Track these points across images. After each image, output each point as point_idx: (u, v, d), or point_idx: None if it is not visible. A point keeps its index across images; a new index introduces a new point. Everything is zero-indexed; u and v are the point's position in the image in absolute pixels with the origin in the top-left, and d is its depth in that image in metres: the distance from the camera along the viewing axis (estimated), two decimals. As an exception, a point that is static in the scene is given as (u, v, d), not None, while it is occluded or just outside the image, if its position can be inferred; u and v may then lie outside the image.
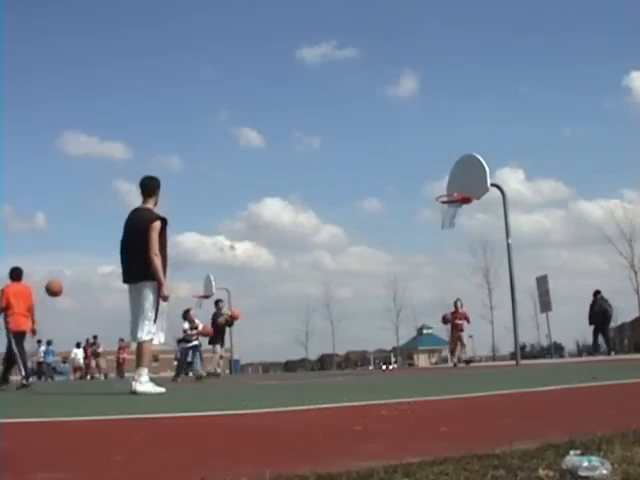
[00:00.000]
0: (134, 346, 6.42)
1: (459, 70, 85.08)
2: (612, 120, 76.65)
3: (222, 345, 16.13)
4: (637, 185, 74.46)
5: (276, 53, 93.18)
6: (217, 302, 16.46)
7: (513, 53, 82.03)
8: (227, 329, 16.89)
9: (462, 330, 17.22)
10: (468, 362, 17.55)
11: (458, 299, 17.56)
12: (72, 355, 27.97)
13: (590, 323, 16.83)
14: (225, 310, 16.39)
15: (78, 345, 27.58)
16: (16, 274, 10.81)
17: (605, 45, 79.59)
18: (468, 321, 17.44)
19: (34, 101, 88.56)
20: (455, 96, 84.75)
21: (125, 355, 27.84)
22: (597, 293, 17.11)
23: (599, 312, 16.68)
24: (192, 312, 15.11)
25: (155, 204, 6.55)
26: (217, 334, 15.49)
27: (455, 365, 16.89)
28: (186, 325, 14.65)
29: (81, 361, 27.24)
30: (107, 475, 1.68)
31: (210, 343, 15.55)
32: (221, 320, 15.65)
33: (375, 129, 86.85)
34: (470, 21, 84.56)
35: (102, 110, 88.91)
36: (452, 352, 18.47)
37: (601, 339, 17.28)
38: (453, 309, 17.41)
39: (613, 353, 17.63)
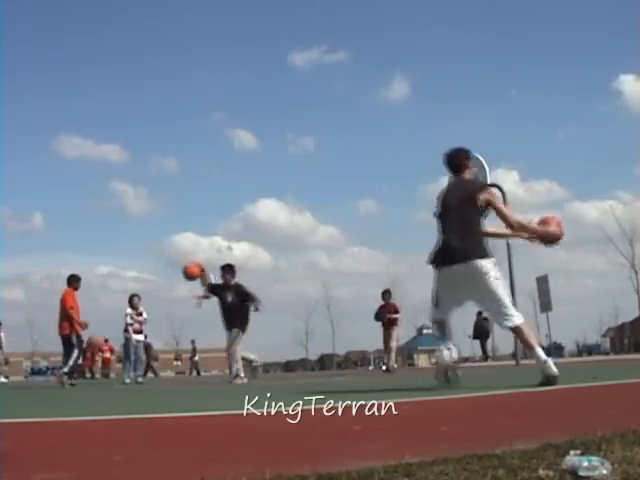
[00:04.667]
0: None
1: (450, 73, 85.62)
2: (603, 123, 77.45)
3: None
4: (631, 186, 74.60)
5: (268, 57, 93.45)
6: (385, 293, 15.13)
7: (504, 56, 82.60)
8: None
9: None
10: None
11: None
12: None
13: (474, 337, 21.45)
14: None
15: None
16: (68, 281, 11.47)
17: (595, 49, 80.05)
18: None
19: (31, 103, 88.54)
20: (447, 99, 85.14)
21: (109, 355, 27.78)
22: (479, 314, 20.14)
23: (479, 328, 20.96)
24: (136, 299, 14.05)
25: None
26: (389, 324, 14.71)
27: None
28: (129, 310, 13.82)
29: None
30: (107, 475, 1.68)
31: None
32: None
33: (369, 131, 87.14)
34: (461, 24, 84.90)
35: (97, 113, 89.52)
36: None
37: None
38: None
39: (490, 360, 22.74)
